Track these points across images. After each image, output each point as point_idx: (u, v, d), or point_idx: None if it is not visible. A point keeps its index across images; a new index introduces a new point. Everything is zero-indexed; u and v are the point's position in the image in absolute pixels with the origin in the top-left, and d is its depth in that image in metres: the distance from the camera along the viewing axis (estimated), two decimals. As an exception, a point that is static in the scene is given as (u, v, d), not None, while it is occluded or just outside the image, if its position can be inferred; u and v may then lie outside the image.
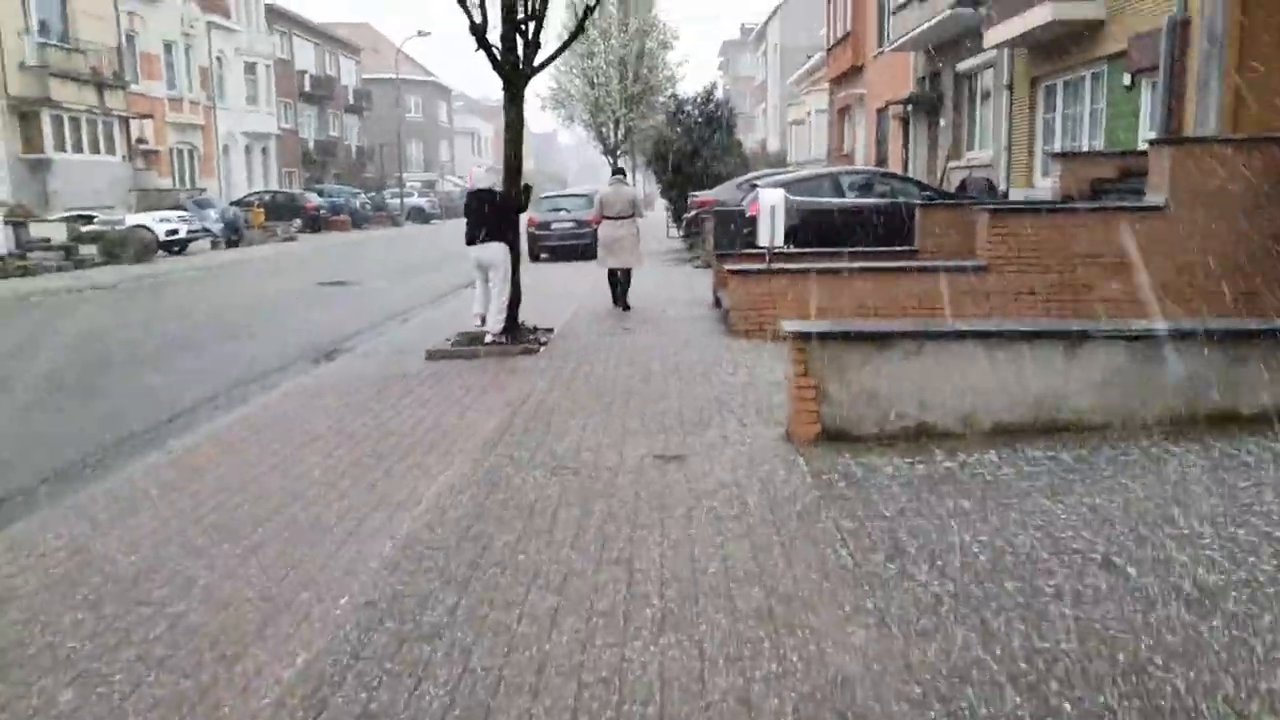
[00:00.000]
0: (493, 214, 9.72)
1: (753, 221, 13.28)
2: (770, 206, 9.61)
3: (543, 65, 9.89)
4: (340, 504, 4.83)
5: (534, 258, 22.09)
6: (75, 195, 28.68)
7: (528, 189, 10.20)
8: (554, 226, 21.93)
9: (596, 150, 37.36)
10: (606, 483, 4.97)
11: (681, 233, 22.87)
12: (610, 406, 6.67)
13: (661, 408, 6.58)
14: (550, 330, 10.56)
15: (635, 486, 4.89)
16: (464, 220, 9.95)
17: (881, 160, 26.25)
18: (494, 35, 9.62)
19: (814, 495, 4.63)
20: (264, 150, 45.30)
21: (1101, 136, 13.81)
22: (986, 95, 18.79)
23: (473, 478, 5.18)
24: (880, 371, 5.39)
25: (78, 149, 29.84)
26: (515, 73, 9.66)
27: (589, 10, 9.99)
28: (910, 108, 23.25)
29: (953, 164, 20.03)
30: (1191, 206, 9.05)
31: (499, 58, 9.60)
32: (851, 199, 14.40)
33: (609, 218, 12.47)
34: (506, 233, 9.79)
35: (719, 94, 24.55)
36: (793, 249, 11.40)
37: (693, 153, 22.74)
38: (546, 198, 23.85)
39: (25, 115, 28.00)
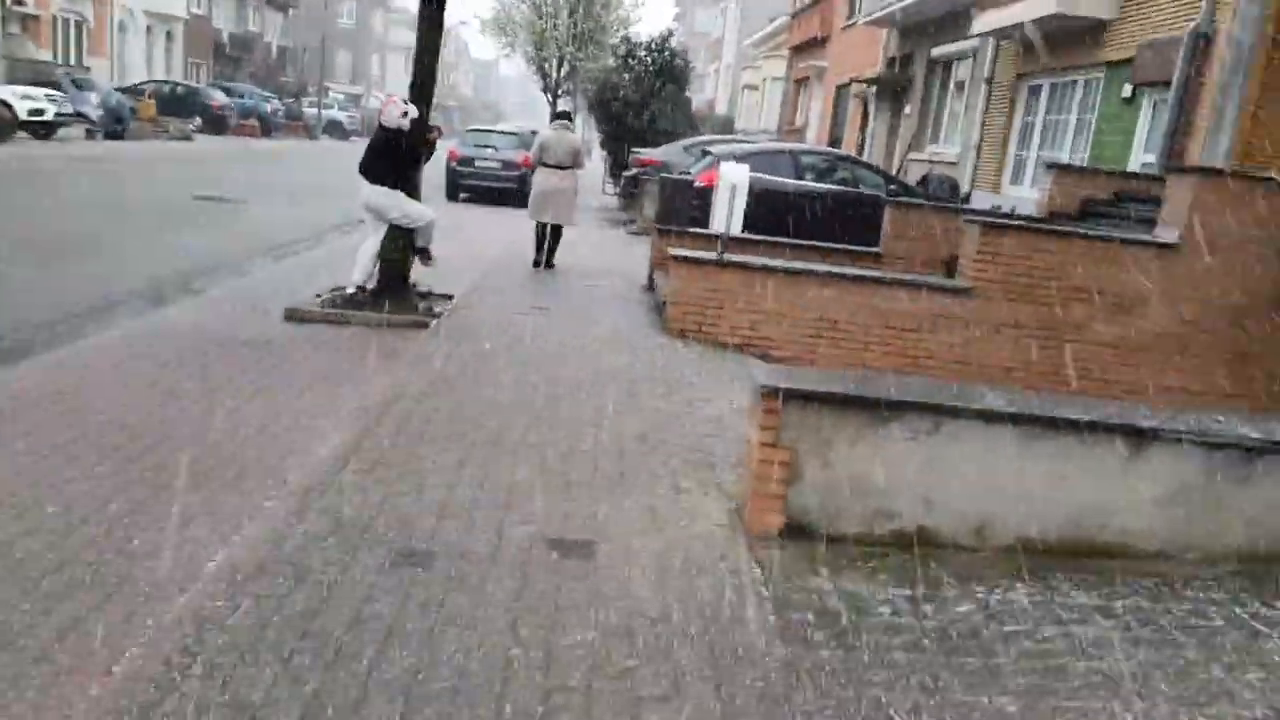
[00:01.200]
0: (396, 153, 7.90)
1: (703, 195, 11.63)
2: (731, 185, 7.97)
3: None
4: (38, 595, 3.07)
5: (451, 196, 20.06)
6: (-67, 57, 25.21)
7: (431, 133, 8.33)
8: (478, 164, 19.89)
9: (539, 89, 35.03)
10: (471, 594, 3.31)
11: (618, 191, 21.07)
12: (501, 435, 4.97)
13: (569, 444, 4.92)
14: (449, 298, 8.76)
15: (512, 607, 3.24)
16: (368, 140, 8.27)
17: (835, 141, 24.82)
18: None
19: (780, 661, 3.06)
20: (168, 34, 41.39)
21: (1085, 149, 12.55)
22: (961, 86, 17.43)
23: (272, 555, 3.46)
24: (878, 452, 3.84)
25: (-59, 3, 26.21)
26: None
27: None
28: (874, 89, 21.83)
29: (913, 156, 18.69)
30: (1212, 248, 7.77)
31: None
32: (809, 182, 12.84)
33: (547, 165, 11.09)
34: (400, 175, 7.98)
35: (674, 43, 22.63)
36: (744, 235, 9.82)
37: (640, 104, 20.88)
38: (473, 130, 21.72)
39: (-119, -45, 24.34)
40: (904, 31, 19.87)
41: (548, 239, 11.30)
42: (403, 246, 8.34)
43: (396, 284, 8.36)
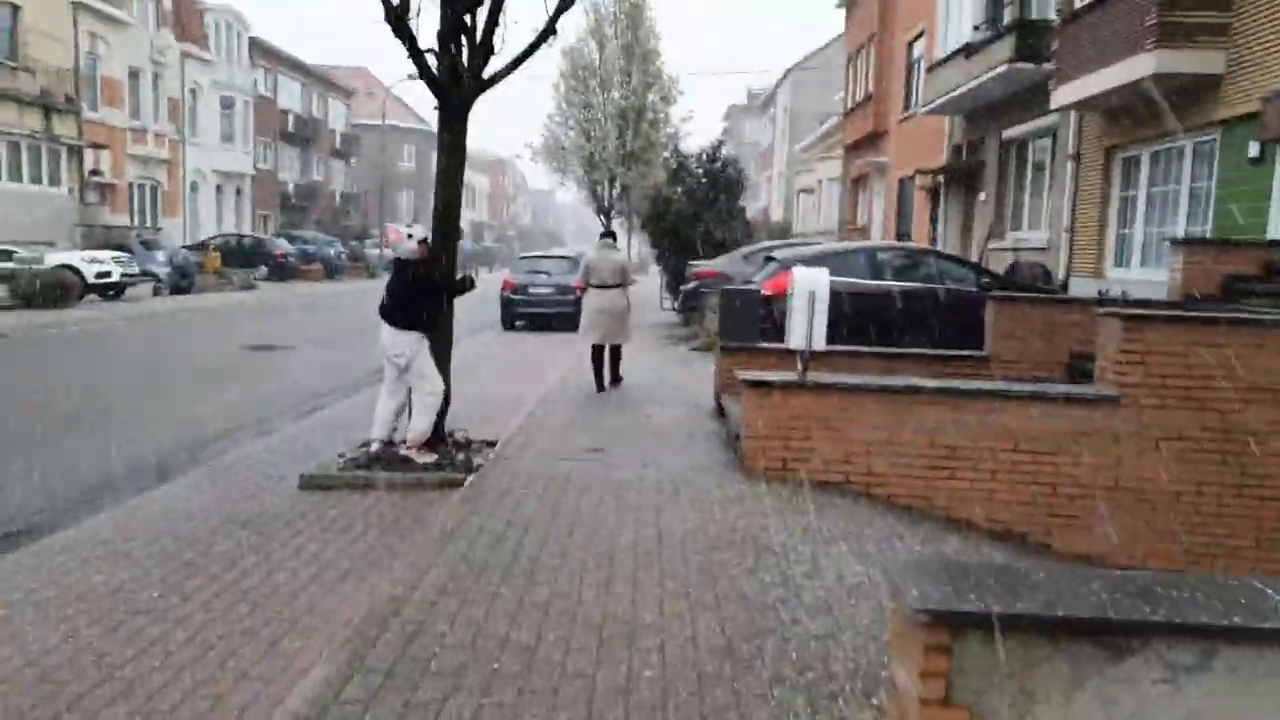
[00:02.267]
0: (411, 292, 6.88)
1: (769, 304, 10.47)
2: (808, 293, 6.72)
3: (496, 78, 7.06)
4: None
5: (507, 325, 19.27)
6: (10, 228, 25.76)
7: (465, 280, 7.34)
8: (532, 291, 19.12)
9: (593, 211, 34.81)
10: None
11: (677, 307, 20.05)
12: (534, 660, 3.63)
13: (627, 671, 3.56)
14: (492, 445, 7.59)
15: None
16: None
17: (902, 236, 23.60)
18: (430, 35, 6.84)
19: None
20: (237, 191, 42.65)
21: (1205, 221, 11.06)
22: (1040, 166, 16.15)
23: None
24: (1112, 709, 2.41)
25: (15, 177, 27.06)
26: (455, 85, 6.83)
27: (562, 6, 7.16)
28: (942, 178, 20.68)
29: (994, 245, 17.32)
30: None
31: (431, 65, 6.78)
32: (889, 281, 11.56)
33: (595, 286, 10.69)
34: (424, 317, 6.92)
35: (726, 151, 21.92)
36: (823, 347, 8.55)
37: (694, 215, 20.03)
38: (525, 258, 21.08)
39: (-42, 138, 25.30)
40: (970, 116, 18.81)
41: (607, 359, 10.80)
42: (444, 389, 7.23)
43: (432, 434, 7.23)
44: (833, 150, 33.45)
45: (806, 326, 6.74)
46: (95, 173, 31.65)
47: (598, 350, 10.75)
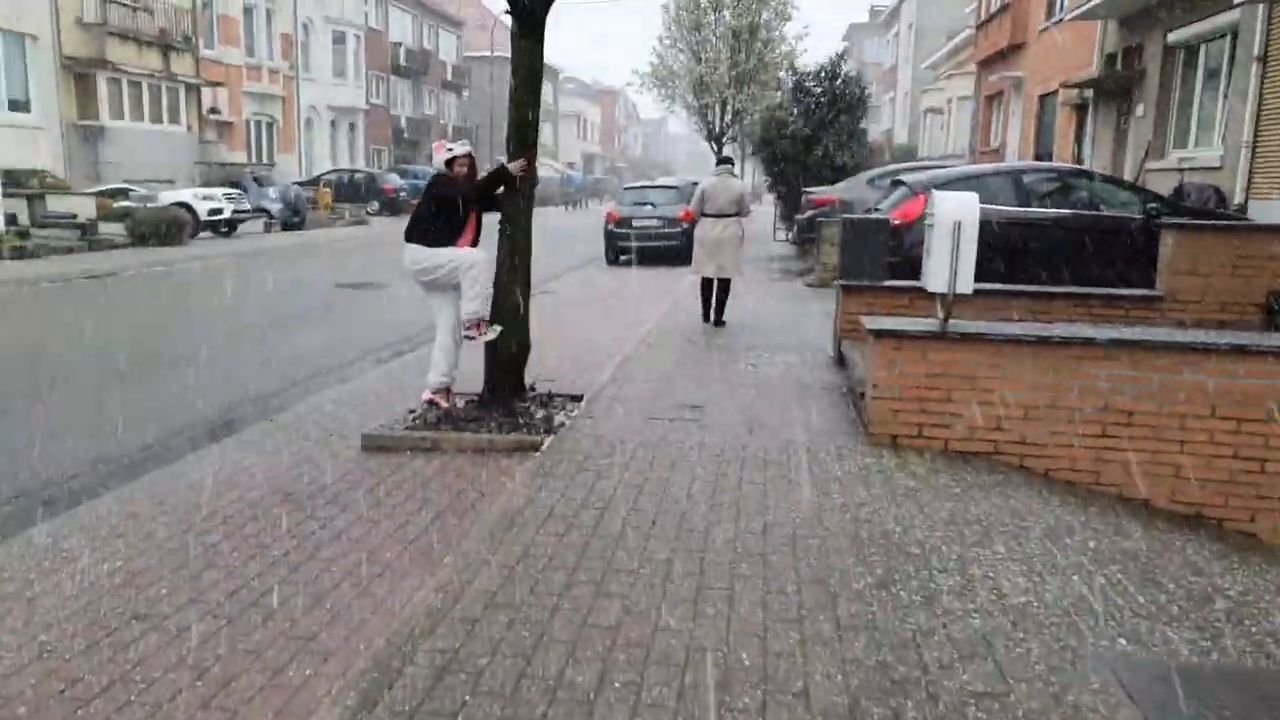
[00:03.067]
0: (434, 208, 6.29)
1: (898, 235, 9.23)
2: (953, 223, 5.53)
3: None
4: None
5: (611, 260, 18.40)
6: (132, 167, 26.29)
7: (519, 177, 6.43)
8: (636, 223, 18.13)
9: (703, 138, 33.30)
10: None
11: (792, 238, 18.75)
12: (597, 702, 2.77)
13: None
14: (578, 400, 6.74)
15: None
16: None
17: (1041, 158, 21.49)
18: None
19: None
20: (351, 126, 42.81)
21: None
22: (1214, 73, 14.06)
23: None
24: None
25: (138, 117, 27.47)
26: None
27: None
28: (1091, 93, 18.55)
29: (1153, 165, 15.34)
30: None
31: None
32: (1038, 208, 10.09)
33: (710, 215, 10.16)
34: (446, 234, 6.32)
35: (847, 68, 20.21)
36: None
37: (811, 138, 18.55)
38: (630, 188, 20.06)
39: (81, 78, 25.70)
40: (1126, 20, 16.63)
41: (715, 294, 10.33)
42: (515, 339, 6.40)
43: (507, 387, 6.43)
44: (963, 67, 30.95)
45: (950, 264, 5.57)
46: (213, 111, 32.03)
47: (707, 284, 10.33)
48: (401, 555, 4.15)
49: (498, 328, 6.25)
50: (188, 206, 22.01)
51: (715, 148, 29.38)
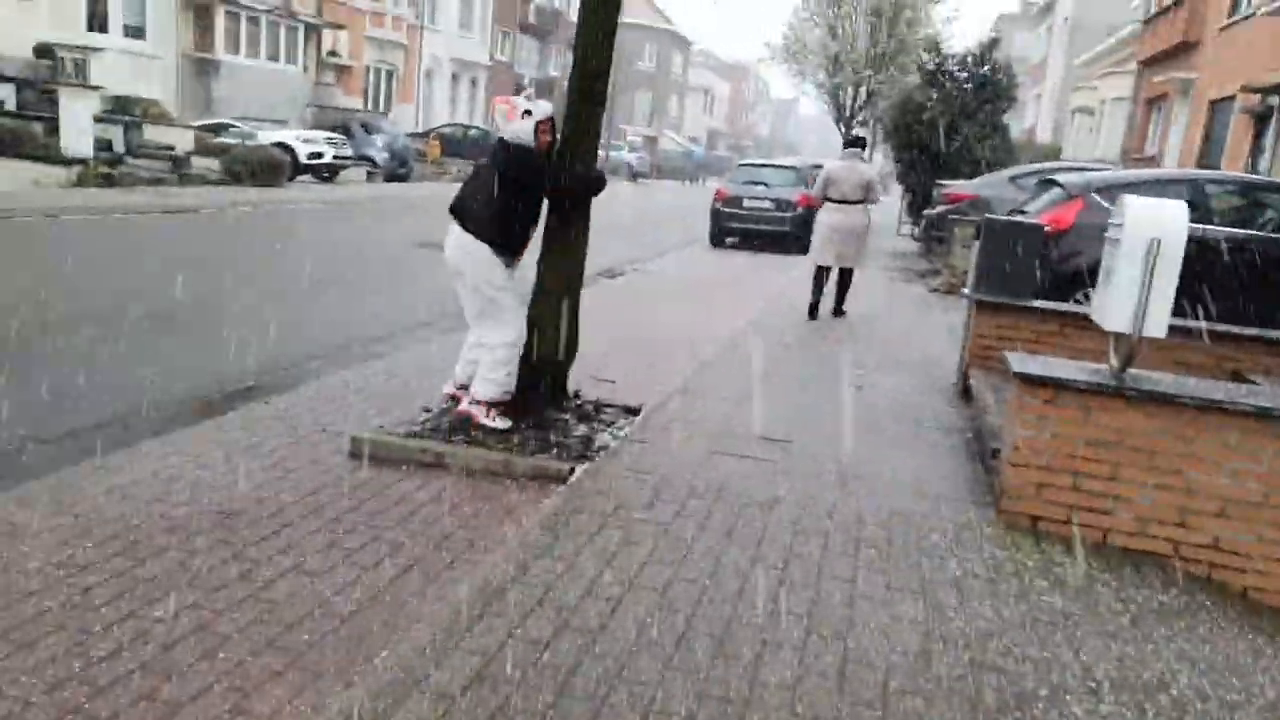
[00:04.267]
0: (502, 185, 4.77)
1: (1048, 245, 7.59)
2: (1149, 241, 3.99)
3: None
4: None
5: (716, 242, 17.01)
6: (245, 104, 26.09)
7: (595, 179, 5.11)
8: (746, 204, 16.65)
9: (832, 120, 31.40)
10: None
11: (917, 234, 17.00)
12: None
13: None
14: (634, 413, 5.46)
15: None
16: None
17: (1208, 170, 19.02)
18: None
19: None
20: (472, 81, 42.26)
21: None
22: None
23: None
24: None
25: (253, 53, 27.26)
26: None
27: None
28: (1278, 99, 16.15)
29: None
30: None
31: None
32: (1222, 227, 8.28)
33: (834, 200, 9.41)
34: (510, 228, 4.87)
35: (998, 54, 18.21)
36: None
37: (950, 127, 16.71)
38: (744, 165, 18.57)
39: (200, 9, 25.55)
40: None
41: (835, 284, 9.53)
42: (557, 338, 5.15)
43: (542, 392, 5.18)
44: (1122, 66, 28.17)
45: (1138, 296, 4.04)
46: (332, 54, 31.74)
47: (823, 273, 9.47)
48: (321, 642, 2.96)
49: (508, 423, 4.95)
50: (287, 148, 21.50)
51: (844, 130, 27.57)
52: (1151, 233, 4.04)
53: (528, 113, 4.83)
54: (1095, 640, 3.20)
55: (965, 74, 17.82)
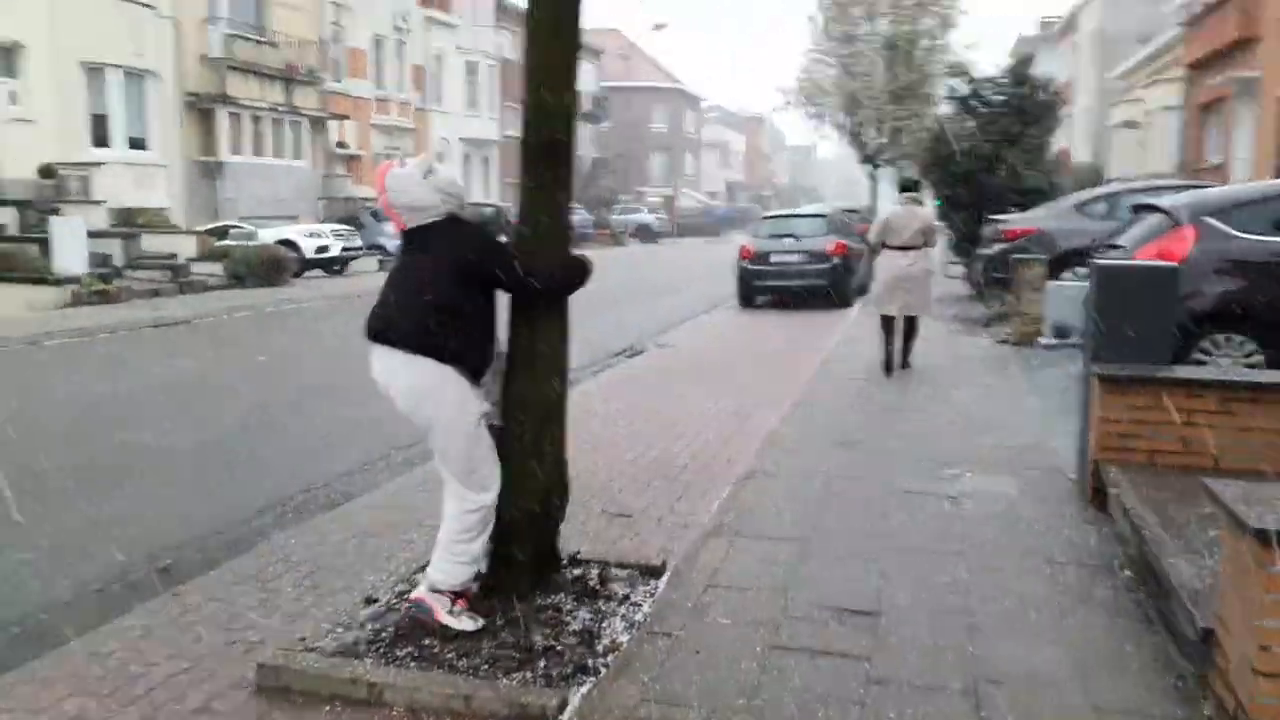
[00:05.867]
0: (435, 275, 3.40)
1: (1174, 288, 6.03)
2: None
3: None
4: None
5: (745, 302, 15.57)
6: (252, 203, 25.35)
7: (575, 266, 3.68)
8: (775, 259, 15.22)
9: (855, 161, 30.08)
10: None
11: (971, 276, 15.43)
12: None
13: None
14: (655, 575, 3.97)
15: None
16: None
17: (1283, 174, 17.29)
18: None
19: None
20: (485, 159, 41.68)
21: None
22: None
23: None
24: None
25: (258, 152, 26.58)
26: None
27: None
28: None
29: None
30: None
31: None
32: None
33: (893, 247, 9.06)
34: (454, 334, 3.41)
35: (1036, 71, 16.78)
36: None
37: (992, 156, 15.23)
38: (769, 218, 17.19)
39: (202, 113, 24.94)
40: None
41: (899, 335, 9.06)
42: (541, 467, 3.69)
43: (524, 563, 3.70)
44: (1165, 73, 26.60)
45: None
46: (341, 145, 31.15)
47: (889, 323, 9.07)
48: None
49: (478, 622, 3.50)
50: (292, 244, 20.59)
51: (870, 171, 26.24)
52: None
53: (429, 173, 3.48)
54: None
55: (1001, 97, 16.38)
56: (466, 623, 3.49)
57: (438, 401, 3.42)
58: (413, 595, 3.62)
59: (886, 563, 4.15)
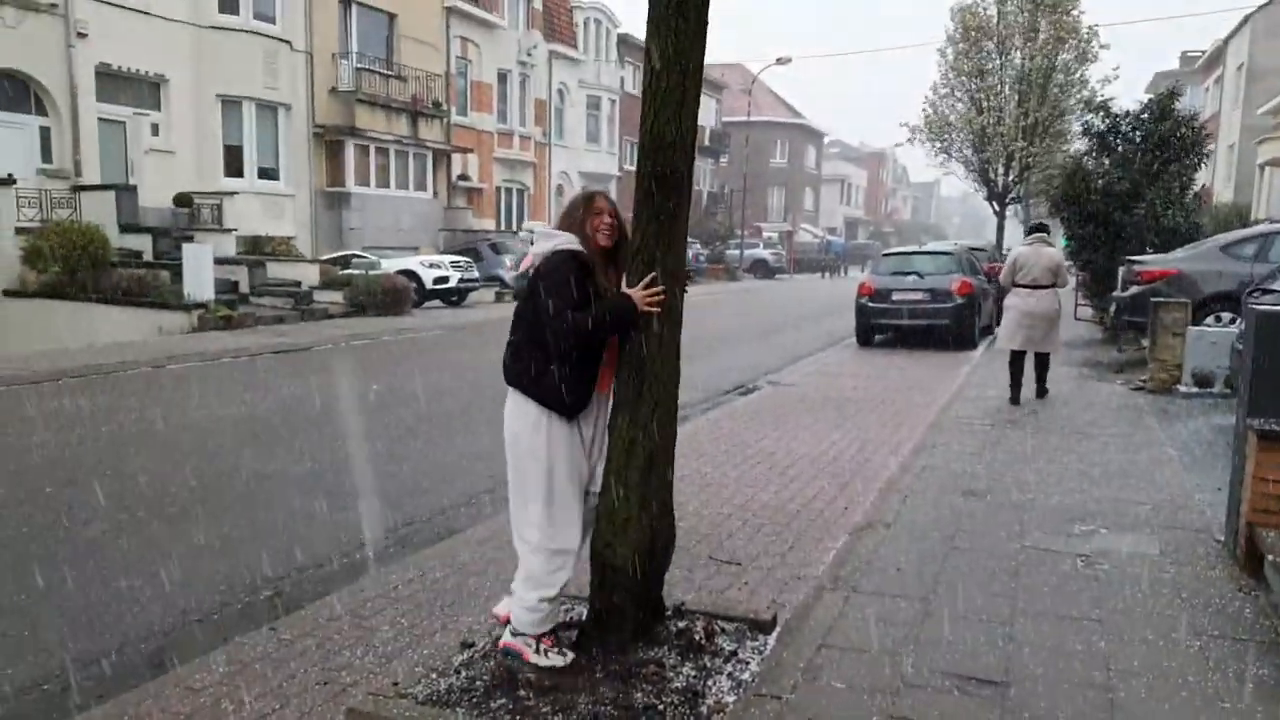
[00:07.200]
0: (522, 315, 3.49)
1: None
2: None
3: None
4: None
5: (864, 341, 15.18)
6: (376, 233, 26.32)
7: (612, 311, 3.47)
8: (896, 297, 14.77)
9: (982, 198, 29.12)
10: None
11: (1105, 319, 14.63)
12: None
13: None
14: (766, 630, 3.76)
15: None
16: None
17: None
18: None
19: None
20: (603, 192, 42.19)
21: None
22: None
23: None
24: None
25: (383, 183, 27.59)
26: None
27: None
28: None
29: None
30: None
31: None
32: None
33: (1023, 285, 9.38)
34: (549, 372, 3.38)
35: (1181, 106, 15.90)
36: None
37: (1130, 193, 14.45)
38: (890, 255, 16.72)
39: (331, 145, 26.08)
40: None
41: (1030, 370, 9.45)
42: (645, 515, 3.54)
43: (626, 613, 3.55)
44: (1322, 106, 24.95)
45: None
46: (463, 177, 32.05)
47: (1018, 357, 9.44)
48: None
49: (567, 657, 3.43)
50: (413, 274, 21.18)
51: (998, 208, 25.40)
52: None
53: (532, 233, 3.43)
54: None
55: (1141, 133, 15.57)
56: (556, 659, 3.40)
57: (515, 433, 3.45)
58: (501, 641, 3.53)
59: (1015, 627, 3.83)
